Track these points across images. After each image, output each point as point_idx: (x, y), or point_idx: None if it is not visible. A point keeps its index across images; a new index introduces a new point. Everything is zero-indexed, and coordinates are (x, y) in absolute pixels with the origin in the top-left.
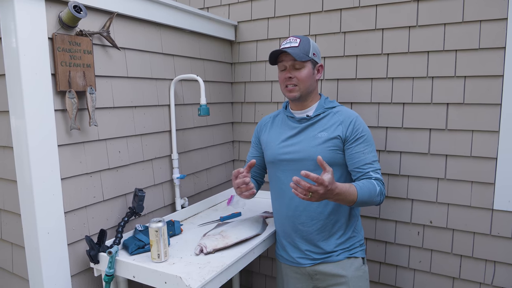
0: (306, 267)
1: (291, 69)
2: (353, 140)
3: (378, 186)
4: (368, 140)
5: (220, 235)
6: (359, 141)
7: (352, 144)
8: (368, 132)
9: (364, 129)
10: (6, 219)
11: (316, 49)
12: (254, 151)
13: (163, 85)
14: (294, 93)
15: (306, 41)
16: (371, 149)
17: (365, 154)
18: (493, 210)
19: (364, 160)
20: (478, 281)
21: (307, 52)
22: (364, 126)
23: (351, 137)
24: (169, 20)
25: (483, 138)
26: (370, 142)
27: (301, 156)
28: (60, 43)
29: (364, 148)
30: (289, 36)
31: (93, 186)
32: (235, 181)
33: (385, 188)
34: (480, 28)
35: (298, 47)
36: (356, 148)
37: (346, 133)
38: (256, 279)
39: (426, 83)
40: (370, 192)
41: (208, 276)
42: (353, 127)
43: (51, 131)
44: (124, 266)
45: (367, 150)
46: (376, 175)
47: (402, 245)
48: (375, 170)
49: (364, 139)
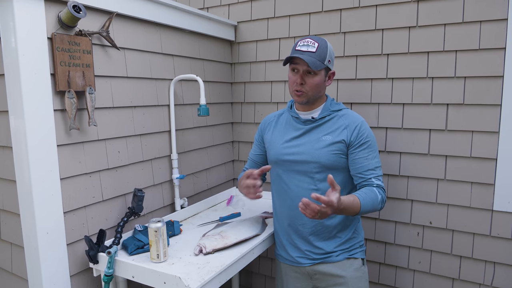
0: (306, 267)
1: (303, 74)
2: (358, 145)
3: (380, 194)
4: (372, 146)
5: (220, 235)
6: (363, 146)
7: (356, 149)
8: (372, 137)
9: (369, 135)
10: (5, 219)
11: (332, 55)
12: (256, 149)
13: (163, 85)
14: (302, 98)
15: (324, 47)
16: (374, 155)
17: (368, 160)
18: (493, 211)
19: (367, 166)
20: (477, 282)
21: (323, 59)
22: (369, 132)
23: (355, 142)
24: (169, 20)
25: (483, 139)
26: (374, 148)
27: (305, 158)
28: (60, 43)
29: (368, 153)
30: (306, 37)
31: (93, 186)
32: (245, 181)
33: (385, 192)
34: (480, 29)
35: (316, 53)
36: (359, 153)
37: (350, 138)
38: (255, 280)
39: (426, 84)
40: (373, 201)
41: (207, 276)
42: (358, 132)
43: (50, 131)
44: (124, 266)
45: (370, 156)
46: (378, 182)
47: (401, 246)
48: (377, 176)
49: (368, 144)
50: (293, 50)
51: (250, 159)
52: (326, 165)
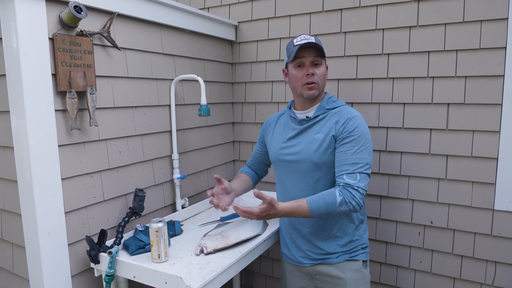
0: (307, 267)
1: (311, 66)
2: (341, 139)
3: (341, 195)
4: (357, 140)
5: (221, 235)
6: (346, 140)
7: (340, 143)
8: (361, 132)
9: (357, 129)
10: (6, 219)
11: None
12: (258, 147)
13: (164, 85)
14: (315, 90)
15: (318, 40)
16: (358, 150)
17: (347, 154)
18: (494, 211)
19: (343, 160)
20: (479, 281)
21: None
22: (359, 127)
23: (340, 135)
24: (170, 20)
25: (484, 138)
26: (359, 143)
27: (298, 158)
28: (61, 43)
29: (349, 148)
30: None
31: (94, 186)
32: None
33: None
34: (480, 28)
35: (316, 43)
36: (340, 147)
37: (337, 132)
38: (256, 279)
39: (427, 83)
40: (327, 204)
41: (208, 276)
42: (344, 127)
43: (52, 131)
44: (125, 266)
45: (351, 151)
46: (349, 180)
47: (402, 246)
48: (351, 173)
49: (353, 139)
50: (293, 46)
51: (252, 155)
52: (319, 164)
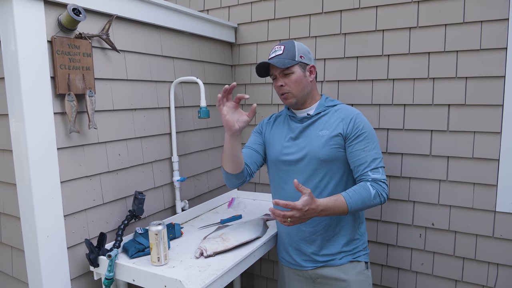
0: (308, 270)
1: (280, 77)
2: (354, 137)
3: (374, 189)
4: (369, 137)
5: (221, 238)
6: (359, 138)
7: (353, 141)
8: (369, 129)
9: (365, 126)
10: (5, 223)
11: (304, 51)
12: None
13: (163, 88)
14: (289, 99)
15: (290, 46)
16: (372, 146)
17: (365, 152)
18: (495, 212)
19: (364, 158)
20: (481, 283)
21: (292, 57)
22: (365, 123)
23: (351, 134)
24: (169, 22)
25: (485, 140)
26: (371, 139)
27: (303, 156)
28: (59, 46)
29: (365, 145)
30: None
31: (93, 189)
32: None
33: (388, 187)
34: (481, 29)
35: (283, 54)
36: (356, 146)
37: (346, 130)
38: (257, 282)
39: (427, 84)
40: (363, 198)
41: (208, 279)
42: (353, 124)
43: (51, 134)
44: (124, 269)
45: (368, 148)
46: (375, 175)
47: (404, 248)
48: (374, 169)
49: (365, 136)
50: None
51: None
52: (325, 160)
